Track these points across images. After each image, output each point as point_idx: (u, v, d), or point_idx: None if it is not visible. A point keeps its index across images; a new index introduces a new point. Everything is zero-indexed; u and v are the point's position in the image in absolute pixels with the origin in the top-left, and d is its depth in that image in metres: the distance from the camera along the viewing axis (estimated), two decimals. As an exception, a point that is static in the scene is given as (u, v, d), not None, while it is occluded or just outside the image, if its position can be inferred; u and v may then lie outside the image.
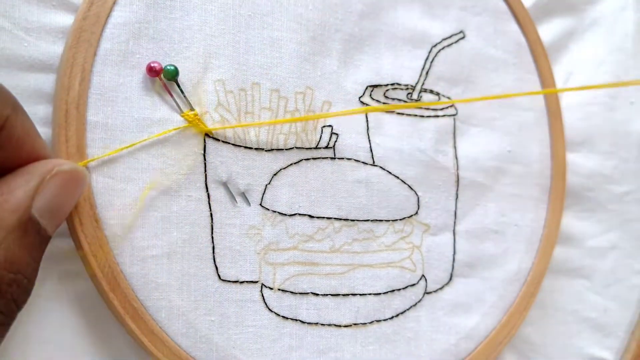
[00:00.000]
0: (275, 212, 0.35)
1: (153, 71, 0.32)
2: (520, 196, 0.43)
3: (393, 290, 0.38)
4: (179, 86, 0.33)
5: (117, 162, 0.31)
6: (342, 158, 0.38)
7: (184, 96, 0.33)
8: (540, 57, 0.45)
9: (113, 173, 0.31)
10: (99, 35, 0.31)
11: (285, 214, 0.36)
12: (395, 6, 0.40)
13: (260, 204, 0.35)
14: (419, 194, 0.40)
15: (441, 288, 0.40)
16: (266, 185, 0.35)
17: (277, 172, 0.36)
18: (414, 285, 0.39)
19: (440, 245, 0.40)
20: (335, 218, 0.37)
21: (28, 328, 0.31)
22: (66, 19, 0.32)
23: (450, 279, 0.40)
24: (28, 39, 0.31)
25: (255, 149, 0.35)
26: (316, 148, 0.37)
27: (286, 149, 0.36)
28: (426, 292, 0.39)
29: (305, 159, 0.37)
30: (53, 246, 0.31)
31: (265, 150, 0.35)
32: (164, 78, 0.32)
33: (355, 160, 0.38)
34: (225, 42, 0.34)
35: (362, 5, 0.39)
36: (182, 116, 0.33)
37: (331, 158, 0.37)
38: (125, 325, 0.31)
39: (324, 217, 0.37)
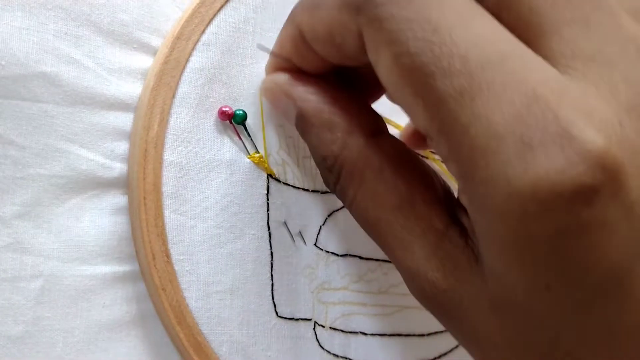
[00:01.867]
0: (328, 252, 0.37)
1: (225, 115, 0.34)
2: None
3: (436, 332, 0.39)
4: (246, 130, 0.35)
5: (189, 200, 0.33)
6: None
7: (251, 139, 0.35)
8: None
9: (184, 210, 0.33)
10: (178, 78, 0.33)
11: (338, 254, 0.37)
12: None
13: (315, 244, 0.37)
14: (459, 239, 0.41)
15: (480, 331, 0.41)
16: (320, 226, 0.37)
17: (330, 214, 0.37)
18: (456, 328, 0.40)
19: (478, 290, 0.42)
20: (382, 260, 0.38)
21: (96, 356, 0.32)
22: (145, 61, 0.34)
23: None
24: (110, 79, 0.32)
25: (312, 190, 0.37)
26: (367, 192, 0.39)
27: (338, 192, 0.38)
28: (467, 336, 0.41)
29: (355, 202, 0.38)
30: (120, 277, 0.33)
31: (321, 193, 0.37)
32: (234, 122, 0.34)
33: (401, 204, 0.40)
34: (289, 88, 0.36)
35: None
36: (249, 158, 0.35)
37: None
38: (189, 359, 0.32)
39: (372, 259, 0.38)
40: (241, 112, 0.34)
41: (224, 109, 0.34)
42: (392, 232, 0.27)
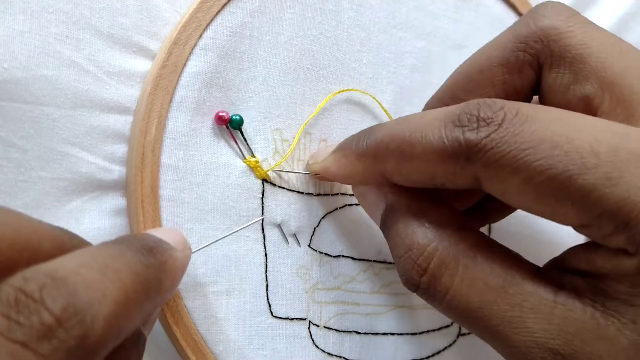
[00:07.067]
0: (322, 253, 0.38)
1: (221, 120, 0.34)
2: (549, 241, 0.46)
3: (429, 331, 0.40)
4: (242, 134, 0.35)
5: (186, 203, 0.33)
6: None
7: (247, 143, 0.35)
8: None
9: (182, 213, 0.33)
10: (175, 83, 0.34)
11: (331, 255, 0.38)
12: (445, 60, 0.42)
13: (309, 245, 0.37)
14: (449, 240, 0.42)
15: (473, 330, 0.42)
16: (315, 228, 0.38)
17: (324, 216, 0.38)
18: (448, 326, 0.41)
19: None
20: (374, 260, 0.39)
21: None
22: (144, 65, 0.34)
23: None
24: (110, 82, 0.33)
25: (306, 193, 0.37)
26: (359, 194, 0.39)
27: (332, 194, 0.38)
28: (460, 334, 0.41)
29: (348, 204, 0.39)
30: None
31: (315, 195, 0.38)
32: (230, 127, 0.35)
33: (392, 207, 0.40)
34: (285, 92, 0.37)
35: (414, 59, 0.41)
36: (245, 162, 0.35)
37: None
38: (185, 358, 0.33)
39: (364, 260, 0.39)
40: (237, 117, 0.35)
41: (220, 113, 0.34)
42: (499, 313, 0.26)
